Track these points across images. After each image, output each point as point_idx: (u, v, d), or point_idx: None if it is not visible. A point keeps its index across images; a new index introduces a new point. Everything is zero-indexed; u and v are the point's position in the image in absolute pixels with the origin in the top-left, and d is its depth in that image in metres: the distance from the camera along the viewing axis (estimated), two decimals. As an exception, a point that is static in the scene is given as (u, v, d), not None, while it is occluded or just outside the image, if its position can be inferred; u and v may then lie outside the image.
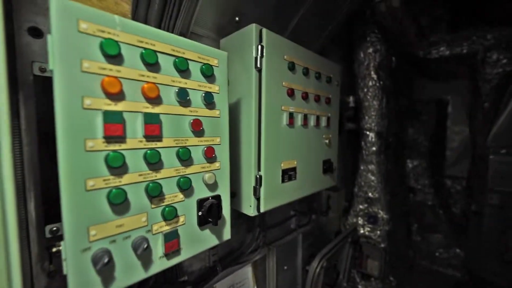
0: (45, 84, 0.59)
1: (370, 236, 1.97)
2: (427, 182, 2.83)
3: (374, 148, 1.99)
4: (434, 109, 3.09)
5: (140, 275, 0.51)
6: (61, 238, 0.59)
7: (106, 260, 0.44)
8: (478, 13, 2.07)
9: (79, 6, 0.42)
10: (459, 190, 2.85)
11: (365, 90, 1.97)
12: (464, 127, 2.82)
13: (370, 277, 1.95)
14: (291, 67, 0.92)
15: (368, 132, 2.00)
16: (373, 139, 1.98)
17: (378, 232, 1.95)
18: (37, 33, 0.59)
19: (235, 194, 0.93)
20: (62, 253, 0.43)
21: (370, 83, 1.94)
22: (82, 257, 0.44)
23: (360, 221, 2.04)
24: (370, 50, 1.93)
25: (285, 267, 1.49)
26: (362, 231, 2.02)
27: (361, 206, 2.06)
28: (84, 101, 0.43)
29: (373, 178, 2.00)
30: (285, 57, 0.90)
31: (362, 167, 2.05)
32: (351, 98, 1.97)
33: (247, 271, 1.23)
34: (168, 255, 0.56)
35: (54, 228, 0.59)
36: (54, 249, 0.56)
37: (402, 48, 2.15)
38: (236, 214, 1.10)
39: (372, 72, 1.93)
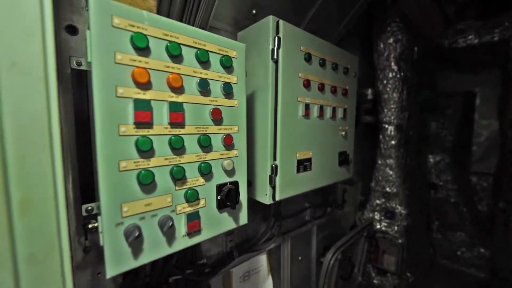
0: (80, 77, 0.65)
1: (387, 232, 1.94)
2: (449, 178, 2.70)
3: (393, 142, 1.94)
4: (460, 102, 2.92)
5: (165, 250, 0.56)
6: (95, 216, 0.65)
7: (136, 234, 0.49)
8: (512, -3, 1.92)
9: (113, 3, 0.46)
10: (486, 187, 2.70)
11: (385, 82, 1.91)
12: (493, 120, 2.65)
13: (386, 272, 1.92)
14: (308, 58, 0.92)
15: (386, 126, 1.94)
16: (392, 133, 1.92)
17: (396, 227, 1.92)
18: (73, 30, 0.65)
19: (251, 183, 0.96)
20: (99, 226, 0.49)
21: (390, 75, 1.88)
22: (116, 231, 0.49)
23: (377, 216, 2.01)
24: (391, 40, 1.86)
25: (300, 258, 1.52)
26: (378, 226, 1.99)
27: (378, 201, 2.02)
28: (117, 90, 0.47)
29: (391, 172, 1.96)
30: (301, 48, 0.90)
31: (380, 161, 2.01)
32: (369, 91, 1.92)
33: (262, 259, 1.27)
34: (190, 234, 0.60)
35: (90, 207, 0.66)
36: (90, 226, 0.62)
37: (426, 38, 2.05)
38: (252, 203, 1.13)
39: (393, 63, 1.86)
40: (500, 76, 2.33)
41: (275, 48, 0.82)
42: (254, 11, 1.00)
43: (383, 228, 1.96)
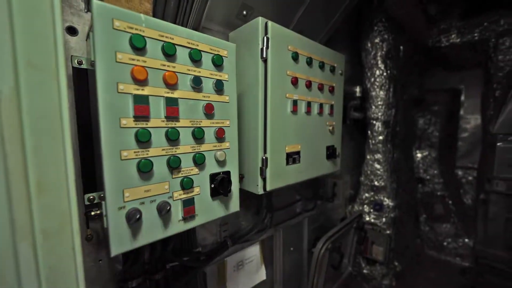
0: (81, 75, 0.70)
1: (376, 223, 2.03)
2: (436, 173, 2.82)
3: (380, 137, 2.02)
4: (446, 99, 3.04)
5: (163, 233, 0.62)
6: (96, 205, 0.70)
7: (137, 216, 0.54)
8: (492, -1, 2.02)
9: (113, 7, 0.51)
10: (470, 181, 2.83)
11: (372, 80, 2.00)
12: (477, 116, 2.78)
13: (375, 262, 2.01)
14: (295, 57, 0.98)
15: (374, 122, 2.03)
16: (380, 129, 2.01)
17: (384, 219, 2.00)
18: (73, 31, 0.69)
19: (243, 176, 1.02)
20: (103, 210, 0.54)
21: (377, 73, 1.96)
22: (119, 214, 0.54)
23: (366, 209, 2.10)
24: (377, 39, 1.94)
25: (292, 249, 1.58)
26: (367, 218, 2.08)
27: (367, 194, 2.11)
28: (118, 86, 0.52)
29: (379, 166, 2.04)
30: (289, 47, 0.96)
31: (368, 156, 2.09)
32: (357, 88, 2.00)
33: (255, 249, 1.33)
34: (186, 219, 0.66)
35: (91, 197, 0.70)
36: (92, 213, 0.67)
37: (411, 37, 2.14)
38: (245, 196, 1.19)
39: (379, 62, 1.95)
40: (482, 74, 2.44)
41: (264, 48, 0.88)
42: (244, 12, 1.06)
43: (372, 220, 2.05)
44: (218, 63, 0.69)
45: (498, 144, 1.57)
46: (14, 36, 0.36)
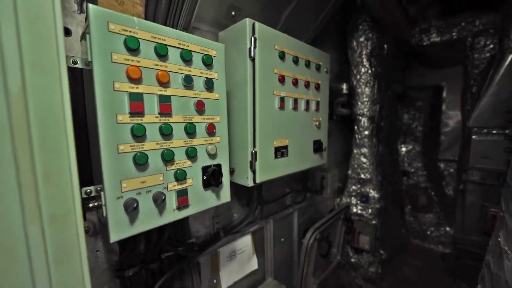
0: (76, 75, 0.73)
1: (362, 214, 2.13)
2: (420, 166, 2.95)
3: (366, 132, 2.11)
4: (429, 95, 3.18)
5: (159, 221, 0.66)
6: (94, 198, 0.74)
7: (134, 205, 0.59)
8: None
9: (108, 11, 0.55)
10: (452, 173, 2.98)
11: (358, 77, 2.08)
12: (458, 112, 2.92)
13: (362, 251, 2.11)
14: (282, 56, 1.04)
15: (360, 117, 2.11)
16: (365, 124, 2.10)
17: (370, 210, 2.10)
18: (67, 32, 0.72)
19: (234, 170, 1.07)
20: (102, 200, 0.58)
21: (363, 70, 2.04)
22: (117, 203, 0.58)
23: (353, 201, 2.19)
24: (362, 38, 2.02)
25: (282, 239, 1.66)
26: (354, 210, 2.17)
27: (354, 187, 2.20)
28: (114, 85, 0.56)
29: (365, 160, 2.14)
30: (276, 47, 1.02)
31: (355, 151, 2.18)
32: (344, 85, 2.08)
33: (247, 240, 1.39)
34: (179, 208, 0.71)
35: (88, 190, 0.74)
36: (90, 205, 0.71)
37: (394, 36, 2.23)
38: (236, 188, 1.24)
39: (364, 60, 2.03)
40: (462, 71, 2.56)
41: (252, 47, 0.93)
42: (233, 13, 1.10)
43: (359, 211, 2.15)
44: (207, 62, 0.74)
45: (473, 137, 1.68)
46: (20, 41, 0.40)
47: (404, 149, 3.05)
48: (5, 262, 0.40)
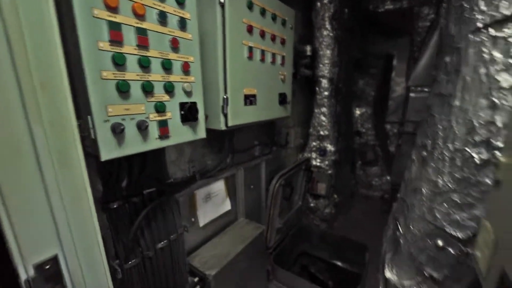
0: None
1: (320, 166, 2.43)
2: (370, 126, 3.37)
3: (326, 93, 2.32)
4: (382, 63, 3.50)
5: (144, 147, 0.75)
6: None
7: (121, 127, 0.66)
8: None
9: None
10: (395, 133, 3.47)
11: (320, 39, 2.21)
12: (404, 79, 3.31)
13: (319, 196, 2.46)
14: (249, 5, 1.09)
15: (321, 79, 2.30)
16: (326, 85, 2.30)
17: (327, 162, 2.41)
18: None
19: (207, 117, 1.16)
20: (89, 123, 0.64)
21: (325, 33, 2.17)
22: (105, 125, 0.65)
23: (313, 155, 2.48)
24: (326, 0, 2.11)
25: (252, 186, 1.85)
26: (314, 163, 2.47)
27: (314, 143, 2.47)
28: (93, 11, 0.59)
29: (324, 119, 2.38)
30: (244, -5, 1.06)
31: (316, 110, 2.41)
32: (308, 47, 2.20)
33: (220, 184, 1.54)
34: (161, 137, 0.79)
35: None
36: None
37: (355, 1, 2.37)
38: (210, 138, 1.34)
39: (327, 23, 2.15)
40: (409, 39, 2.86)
41: (221, -7, 0.96)
42: (200, -43, 1.09)
43: (318, 164, 2.45)
44: (181, 1, 0.78)
45: (410, 94, 1.99)
46: None
47: (358, 112, 3.41)
48: (13, 158, 0.46)
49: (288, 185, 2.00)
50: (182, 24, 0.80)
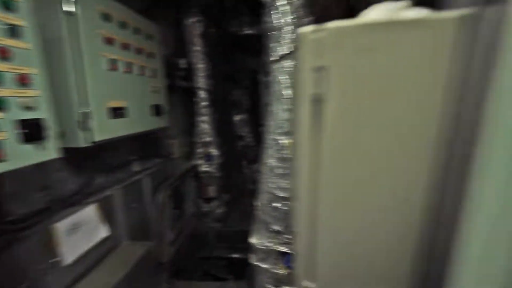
0: None
1: (208, 170, 2.60)
2: (248, 130, 3.92)
3: (204, 103, 2.52)
4: (251, 76, 4.16)
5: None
6: None
7: None
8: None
9: None
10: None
11: (194, 54, 2.38)
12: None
13: (210, 199, 2.62)
14: (105, 17, 1.07)
15: (199, 90, 2.47)
16: (203, 96, 2.49)
17: (214, 166, 2.61)
18: None
19: (64, 133, 1.02)
20: None
21: (196, 49, 2.36)
22: None
23: (201, 162, 2.61)
24: (195, 19, 2.30)
25: (134, 205, 1.73)
26: (203, 169, 2.60)
27: (200, 150, 2.60)
28: None
29: (206, 126, 2.56)
30: (96, 8, 1.03)
31: (197, 119, 2.55)
32: (183, 60, 2.31)
33: (91, 210, 1.35)
34: (-7, 163, 0.65)
35: None
36: None
37: (220, 24, 2.72)
38: (71, 157, 1.16)
39: (196, 39, 2.34)
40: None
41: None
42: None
43: (206, 169, 2.60)
44: (10, 6, 0.68)
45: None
46: None
47: (237, 118, 3.88)
48: None
49: (177, 194, 2.02)
50: (13, 31, 0.70)
